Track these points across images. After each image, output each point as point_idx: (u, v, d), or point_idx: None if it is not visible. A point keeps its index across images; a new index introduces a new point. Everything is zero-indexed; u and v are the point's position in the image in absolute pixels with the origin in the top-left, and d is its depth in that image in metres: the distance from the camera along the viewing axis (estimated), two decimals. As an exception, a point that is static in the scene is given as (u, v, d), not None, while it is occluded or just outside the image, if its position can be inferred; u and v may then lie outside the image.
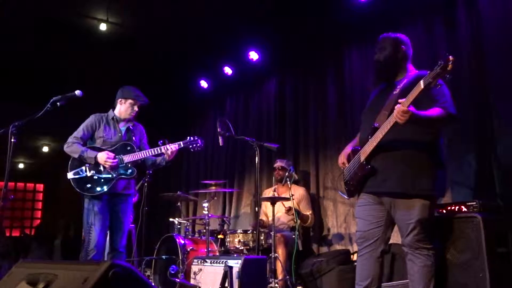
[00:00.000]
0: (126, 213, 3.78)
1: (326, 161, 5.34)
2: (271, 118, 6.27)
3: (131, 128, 3.95)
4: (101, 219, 3.63)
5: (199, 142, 3.83)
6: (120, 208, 3.76)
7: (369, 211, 2.73)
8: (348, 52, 5.29)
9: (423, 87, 2.29)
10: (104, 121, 3.91)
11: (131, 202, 3.88)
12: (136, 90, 3.96)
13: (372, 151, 2.63)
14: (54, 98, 3.33)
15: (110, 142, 3.83)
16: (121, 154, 3.77)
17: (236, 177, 6.68)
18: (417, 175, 2.55)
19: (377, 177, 2.65)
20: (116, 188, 3.72)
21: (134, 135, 3.93)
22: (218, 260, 3.62)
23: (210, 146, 7.43)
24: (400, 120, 2.36)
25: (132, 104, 3.90)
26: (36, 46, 6.39)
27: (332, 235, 5.10)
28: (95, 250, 3.52)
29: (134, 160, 3.76)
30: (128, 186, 3.82)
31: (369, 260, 2.69)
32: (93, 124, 3.88)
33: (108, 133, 3.87)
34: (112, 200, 3.73)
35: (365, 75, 4.85)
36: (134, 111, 3.91)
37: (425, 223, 2.56)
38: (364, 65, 5.00)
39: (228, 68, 6.79)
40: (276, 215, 5.04)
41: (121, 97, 3.93)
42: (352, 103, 5.07)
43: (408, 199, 2.57)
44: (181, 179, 7.99)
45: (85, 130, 3.85)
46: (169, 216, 6.55)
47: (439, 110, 2.50)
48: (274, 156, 5.73)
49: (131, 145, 3.82)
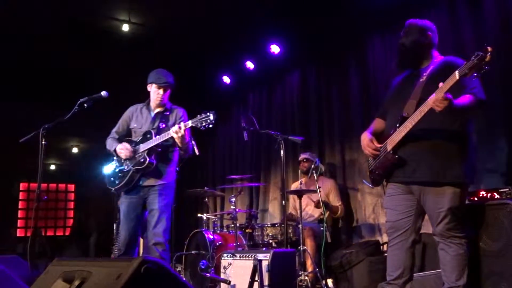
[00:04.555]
0: (156, 205, 3.52)
1: (352, 151, 5.30)
2: (295, 110, 6.25)
3: (163, 114, 3.73)
4: (126, 216, 3.56)
5: (211, 117, 3.27)
6: (149, 201, 3.57)
7: (399, 201, 2.70)
8: (370, 40, 5.22)
9: (458, 78, 2.23)
10: (138, 111, 3.80)
11: (163, 192, 3.58)
12: (160, 72, 3.73)
13: (400, 140, 2.59)
14: (81, 99, 3.41)
15: (140, 132, 3.69)
16: (141, 143, 3.60)
17: (262, 171, 6.70)
18: (447, 164, 2.50)
19: (406, 167, 2.61)
20: (136, 180, 3.57)
21: (166, 121, 3.66)
22: (247, 254, 3.63)
23: (235, 141, 7.47)
24: (438, 108, 2.30)
25: (156, 87, 3.70)
26: (60, 47, 6.51)
27: (361, 226, 5.07)
28: (123, 248, 3.52)
29: (148, 148, 3.53)
30: (154, 177, 3.58)
31: (400, 251, 2.66)
32: (128, 116, 3.82)
33: (139, 122, 3.74)
34: (140, 194, 3.60)
35: (389, 64, 4.78)
36: (160, 95, 3.68)
37: (456, 211, 2.51)
38: (387, 54, 4.93)
39: (250, 62, 6.79)
40: (305, 209, 5.05)
41: (148, 82, 3.77)
42: (376, 92, 5.01)
43: (439, 187, 2.52)
44: (207, 175, 8.07)
45: (120, 123, 3.84)
46: (197, 211, 6.62)
47: (470, 97, 2.44)
48: (299, 149, 5.71)
49: (150, 132, 3.59)
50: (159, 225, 3.50)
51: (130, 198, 3.62)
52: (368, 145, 2.79)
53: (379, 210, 4.85)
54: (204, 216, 5.47)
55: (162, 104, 3.75)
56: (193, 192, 5.43)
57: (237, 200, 5.08)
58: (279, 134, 4.06)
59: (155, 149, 3.57)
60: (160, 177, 3.62)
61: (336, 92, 5.63)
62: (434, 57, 2.75)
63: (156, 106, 3.77)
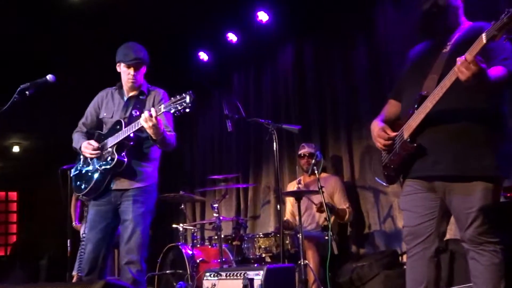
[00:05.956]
0: (129, 214, 3.45)
1: (362, 141, 5.32)
2: (290, 93, 6.26)
3: (138, 98, 3.68)
4: (91, 227, 3.52)
5: (187, 99, 3.13)
6: (122, 209, 3.50)
7: (418, 201, 2.71)
8: (381, 3, 5.22)
9: (485, 41, 2.22)
10: (109, 97, 3.77)
11: (138, 199, 3.50)
12: (129, 47, 3.65)
13: (419, 125, 2.60)
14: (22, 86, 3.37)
15: (111, 122, 3.64)
16: (109, 136, 3.55)
17: (251, 169, 6.71)
18: (477, 153, 2.51)
19: (427, 158, 2.62)
20: (107, 183, 3.50)
21: (141, 107, 3.56)
22: (235, 272, 3.64)
23: (217, 133, 7.46)
24: (464, 75, 2.26)
25: (126, 66, 3.62)
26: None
27: (375, 233, 5.11)
28: (86, 268, 3.47)
29: (116, 142, 3.47)
30: (128, 179, 3.51)
31: (421, 261, 2.68)
32: (96, 103, 3.78)
33: (109, 111, 3.71)
34: (111, 200, 3.54)
35: (404, 32, 4.78)
36: (131, 76, 3.61)
37: (489, 211, 2.53)
38: (402, 19, 4.93)
39: (232, 34, 6.76)
40: (306, 214, 5.06)
41: (116, 62, 3.69)
42: (389, 68, 5.02)
43: (467, 182, 2.54)
44: (183, 176, 8.05)
45: (88, 112, 3.81)
46: (172, 221, 6.61)
47: (502, 69, 2.45)
48: (296, 140, 5.72)
49: (120, 123, 3.54)
50: (133, 239, 3.43)
51: (98, 205, 3.58)
52: (379, 135, 2.80)
53: (396, 213, 4.88)
54: (180, 227, 5.47)
55: (136, 86, 3.69)
56: (166, 197, 5.42)
57: (221, 205, 5.10)
58: (270, 122, 4.06)
59: (126, 143, 3.50)
60: (135, 179, 3.54)
61: (340, 69, 5.64)
62: (461, 22, 2.76)
63: (129, 90, 3.72)
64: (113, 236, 3.62)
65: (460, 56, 2.32)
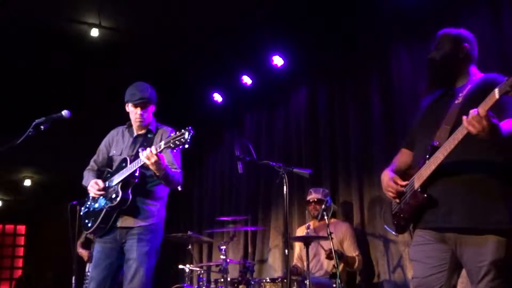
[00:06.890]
0: (133, 253, 3.46)
1: (373, 189, 5.29)
2: (302, 137, 6.27)
3: (146, 137, 3.76)
4: (96, 264, 3.53)
5: (185, 135, 3.14)
6: (126, 247, 3.50)
7: (429, 252, 2.68)
8: (395, 51, 5.28)
9: (498, 97, 2.23)
10: (119, 135, 3.86)
11: (143, 237, 3.51)
12: (135, 87, 3.74)
13: (430, 175, 2.59)
14: (37, 120, 3.42)
15: (120, 159, 3.72)
16: (115, 174, 3.60)
17: (260, 212, 6.68)
18: (490, 206, 2.49)
19: (438, 209, 2.60)
20: (113, 221, 3.51)
21: (148, 146, 3.46)
22: (240, 317, 3.59)
23: (227, 174, 7.46)
24: (474, 128, 2.27)
25: (133, 106, 3.71)
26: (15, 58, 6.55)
27: (384, 283, 5.02)
28: None
29: (121, 180, 3.51)
30: (132, 216, 3.52)
31: (431, 316, 2.63)
32: (107, 141, 3.88)
33: (119, 149, 3.79)
34: (116, 238, 3.55)
35: (418, 82, 4.82)
36: (138, 115, 3.69)
37: (502, 265, 2.49)
38: (416, 69, 4.97)
39: (247, 77, 6.86)
40: (314, 260, 5.00)
41: (125, 101, 3.78)
42: (402, 116, 5.02)
43: (480, 235, 2.51)
44: (192, 216, 8.02)
45: (100, 150, 3.90)
46: (178, 262, 6.55)
47: None
48: (306, 184, 5.70)
49: (126, 160, 3.60)
50: (136, 279, 3.42)
51: (104, 242, 3.59)
52: (389, 186, 2.80)
53: (406, 263, 4.81)
54: (186, 268, 5.41)
55: (143, 125, 3.77)
56: (173, 238, 5.40)
57: (228, 248, 5.05)
58: (281, 165, 4.06)
59: (131, 180, 3.52)
60: (139, 217, 3.55)
61: (353, 115, 5.66)
62: (472, 74, 2.78)
63: (137, 128, 3.81)
64: (118, 275, 3.60)
65: (472, 108, 2.32)
